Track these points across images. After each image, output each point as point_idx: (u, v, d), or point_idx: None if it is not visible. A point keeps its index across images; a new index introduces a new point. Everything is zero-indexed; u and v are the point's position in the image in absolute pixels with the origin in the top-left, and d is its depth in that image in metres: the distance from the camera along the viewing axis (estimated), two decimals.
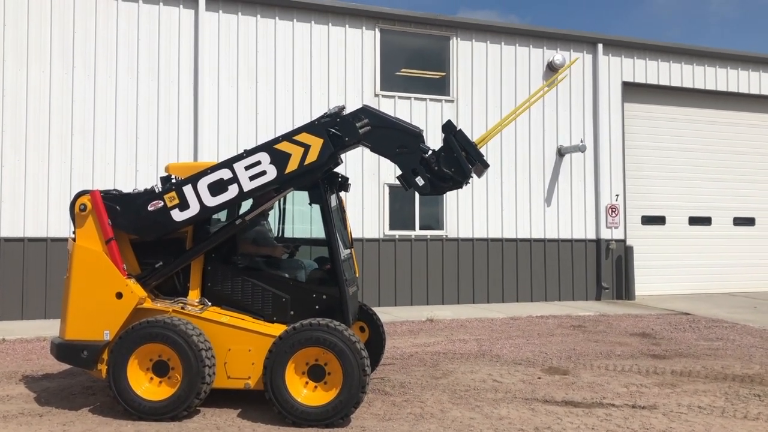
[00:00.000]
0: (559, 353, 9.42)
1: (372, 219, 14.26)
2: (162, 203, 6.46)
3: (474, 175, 6.61)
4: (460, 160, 6.44)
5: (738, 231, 17.93)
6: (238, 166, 6.42)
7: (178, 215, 6.44)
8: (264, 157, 6.40)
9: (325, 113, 6.59)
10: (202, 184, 6.43)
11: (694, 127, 17.54)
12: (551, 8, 55.77)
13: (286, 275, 6.80)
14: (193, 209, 6.43)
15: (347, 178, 7.63)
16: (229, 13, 13.40)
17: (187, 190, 6.43)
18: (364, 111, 6.59)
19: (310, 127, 6.50)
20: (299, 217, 8.26)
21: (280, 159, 6.38)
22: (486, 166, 6.67)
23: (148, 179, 11.93)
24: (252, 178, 6.39)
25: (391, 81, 14.76)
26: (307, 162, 6.37)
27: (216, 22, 13.29)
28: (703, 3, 62.72)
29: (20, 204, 12.03)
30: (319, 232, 6.89)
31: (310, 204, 6.89)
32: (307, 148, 6.38)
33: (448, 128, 6.59)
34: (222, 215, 7.02)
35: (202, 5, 13.06)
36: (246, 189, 6.40)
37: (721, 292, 17.25)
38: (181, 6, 13.10)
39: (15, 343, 9.78)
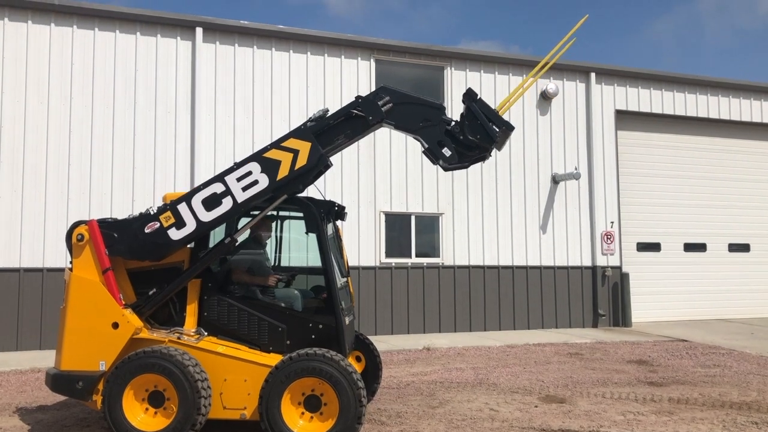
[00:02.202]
0: (556, 381, 9.39)
1: (368, 247, 14.28)
2: (158, 224, 6.49)
3: (496, 148, 6.67)
4: (485, 125, 6.49)
5: (733, 257, 17.98)
6: (230, 179, 6.47)
7: (175, 234, 6.46)
8: (254, 167, 6.46)
9: (310, 117, 6.68)
10: (196, 201, 6.48)
11: (688, 154, 17.69)
12: (551, 38, 56.59)
13: (283, 304, 6.80)
14: (190, 226, 6.46)
15: (344, 207, 7.68)
16: (225, 45, 13.56)
17: (182, 208, 6.48)
18: (384, 90, 6.69)
19: (297, 132, 6.56)
20: (296, 246, 8.28)
21: (270, 167, 6.44)
22: (511, 129, 6.67)
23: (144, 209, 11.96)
24: (245, 188, 6.45)
25: None
26: (297, 166, 6.43)
27: (213, 53, 13.44)
28: (697, 32, 63.61)
29: (17, 234, 12.03)
30: (315, 260, 6.92)
31: (306, 233, 6.92)
32: (296, 153, 6.44)
33: (470, 96, 6.64)
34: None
35: (199, 37, 13.22)
36: (240, 200, 6.44)
37: (717, 319, 17.25)
38: (179, 38, 13.26)
39: (9, 375, 9.72)
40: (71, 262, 6.63)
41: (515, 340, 13.56)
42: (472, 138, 6.52)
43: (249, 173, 6.46)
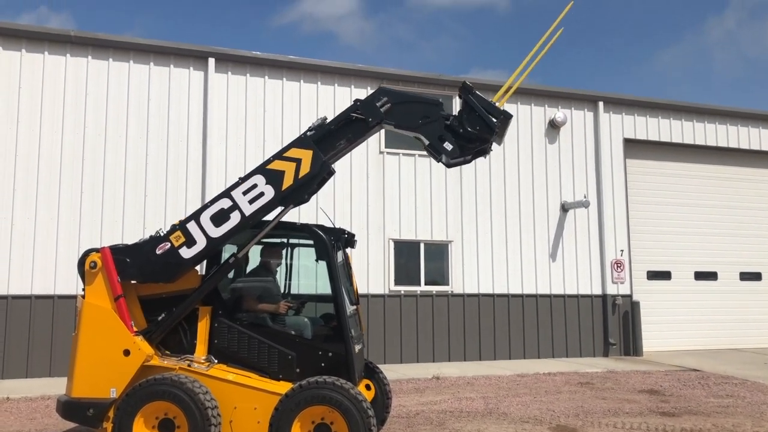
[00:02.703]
0: (567, 411, 9.31)
1: (377, 274, 14.28)
2: (169, 244, 6.56)
3: (496, 140, 6.75)
4: (482, 116, 6.58)
5: (744, 286, 17.85)
6: (236, 193, 6.56)
7: (186, 252, 6.52)
8: (259, 179, 6.55)
9: (309, 126, 6.80)
10: (205, 218, 6.56)
11: (698, 182, 17.69)
12: (560, 67, 57.04)
13: (293, 332, 6.81)
14: (200, 243, 6.53)
15: (353, 235, 7.72)
16: (237, 74, 13.76)
17: (191, 226, 6.56)
18: (382, 90, 6.80)
19: (298, 142, 6.67)
20: (305, 274, 8.31)
21: (275, 177, 6.53)
22: (509, 117, 6.75)
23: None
24: (251, 201, 6.53)
25: (395, 138, 14.99)
26: (301, 175, 6.52)
27: (225, 83, 13.64)
28: (706, 62, 63.91)
29: (29, 261, 12.13)
30: (325, 288, 6.94)
31: (316, 260, 6.97)
32: (298, 162, 6.53)
33: (466, 89, 6.72)
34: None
35: (212, 67, 13.42)
36: (248, 213, 6.51)
37: (729, 348, 17.07)
38: (191, 68, 13.47)
39: (19, 402, 9.73)
40: (84, 290, 6.68)
41: (525, 369, 13.47)
42: (471, 130, 6.59)
43: (254, 186, 6.55)
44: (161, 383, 6.17)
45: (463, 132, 6.61)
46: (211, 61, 13.42)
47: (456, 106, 15.32)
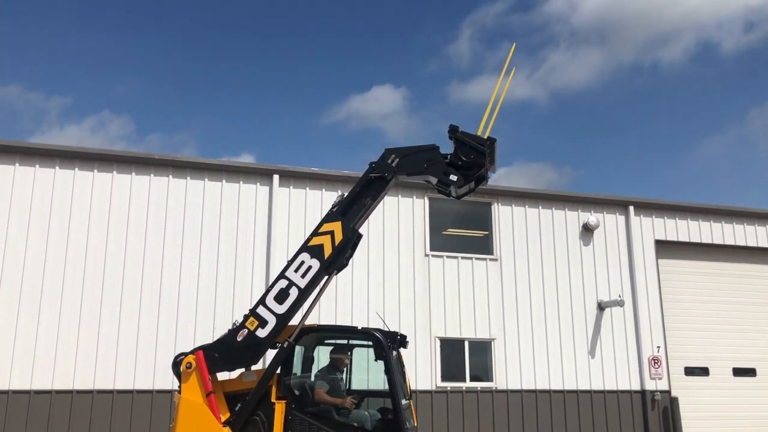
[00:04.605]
0: None
1: (425, 371, 15.23)
2: (246, 330, 7.86)
3: (489, 164, 8.16)
4: (473, 146, 8.12)
5: None
6: (290, 272, 7.95)
7: (262, 332, 7.83)
8: (305, 256, 7.96)
9: (333, 204, 8.28)
10: (270, 299, 7.91)
11: (730, 281, 18.36)
12: (602, 158, 58.70)
13: (355, 424, 7.90)
14: (271, 322, 7.84)
15: (405, 336, 8.87)
16: (298, 188, 15.39)
17: (261, 310, 7.89)
18: (388, 150, 8.31)
19: (327, 218, 8.15)
20: (364, 371, 9.45)
21: (317, 251, 7.93)
22: (494, 141, 8.22)
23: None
24: (303, 275, 7.92)
25: (439, 242, 16.30)
26: (337, 243, 7.90)
27: (287, 196, 15.26)
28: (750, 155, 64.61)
29: (112, 359, 13.50)
30: (382, 384, 8.07)
31: (375, 360, 8.13)
32: (332, 233, 7.97)
33: (453, 130, 8.22)
34: None
35: (276, 182, 15.10)
36: (303, 286, 7.86)
37: None
38: (258, 184, 15.18)
39: None
40: (179, 387, 7.94)
41: None
42: (467, 159, 8.08)
43: (302, 263, 7.96)
44: None
45: (462, 163, 8.12)
46: (276, 177, 15.11)
47: (495, 212, 16.67)
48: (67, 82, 63.17)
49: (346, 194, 8.40)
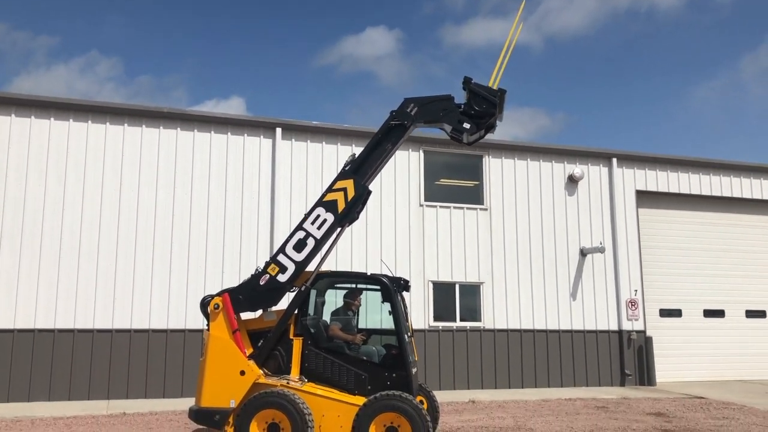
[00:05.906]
0: (584, 428, 11.20)
1: (418, 312, 16.36)
2: (268, 275, 8.80)
3: (499, 114, 8.82)
4: (485, 96, 8.80)
5: (750, 323, 19.56)
6: (307, 224, 8.87)
7: (282, 277, 8.77)
8: (320, 210, 8.88)
9: (345, 162, 9.14)
10: (289, 248, 8.84)
11: (705, 229, 19.54)
12: (597, 102, 59.35)
13: (365, 357, 8.90)
14: (291, 268, 8.78)
15: (408, 281, 9.81)
16: (300, 141, 16.14)
17: (281, 257, 8.82)
18: (407, 100, 9.07)
19: (341, 175, 9.03)
20: (373, 312, 10.46)
21: (331, 206, 8.86)
22: (503, 91, 8.91)
23: (232, 279, 14.31)
24: (319, 227, 8.84)
25: (433, 193, 17.21)
26: (350, 198, 8.83)
27: (289, 149, 16.01)
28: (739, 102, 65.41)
29: (147, 298, 14.46)
30: (388, 323, 9.06)
31: (382, 302, 9.10)
32: (345, 190, 8.87)
33: (467, 80, 8.93)
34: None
35: (279, 135, 15.83)
36: (319, 237, 8.78)
37: (736, 380, 18.75)
38: (262, 136, 15.90)
39: (135, 416, 11.93)
40: (208, 325, 8.89)
41: (549, 395, 15.35)
42: (479, 109, 8.79)
43: (318, 216, 8.90)
44: (270, 395, 8.27)
45: (474, 112, 8.84)
46: (278, 130, 15.84)
47: (486, 164, 17.54)
48: (54, 21, 62.38)
49: (357, 154, 9.19)
